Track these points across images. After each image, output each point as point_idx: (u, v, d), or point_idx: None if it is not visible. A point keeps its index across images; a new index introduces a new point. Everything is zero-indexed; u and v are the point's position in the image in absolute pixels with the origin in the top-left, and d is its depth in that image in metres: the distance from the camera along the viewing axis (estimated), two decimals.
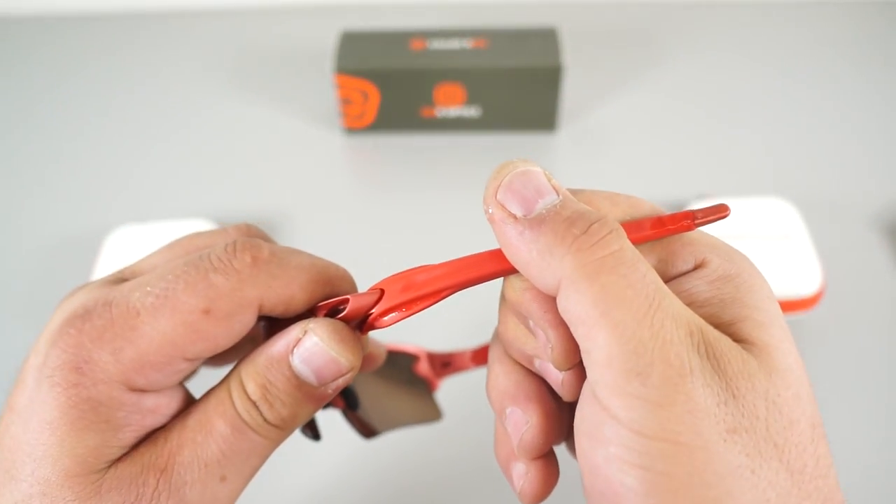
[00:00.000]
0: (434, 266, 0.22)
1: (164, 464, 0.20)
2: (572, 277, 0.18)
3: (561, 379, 0.21)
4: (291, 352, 0.21)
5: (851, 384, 0.44)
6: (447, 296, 0.22)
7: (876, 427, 0.42)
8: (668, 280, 0.21)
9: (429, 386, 0.36)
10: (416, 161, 0.60)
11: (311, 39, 0.71)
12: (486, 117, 0.61)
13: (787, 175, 0.57)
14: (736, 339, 0.19)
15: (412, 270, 0.22)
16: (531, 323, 0.21)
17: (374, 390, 0.32)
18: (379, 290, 0.22)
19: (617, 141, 0.61)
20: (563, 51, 0.58)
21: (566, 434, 0.23)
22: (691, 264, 0.21)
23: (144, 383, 0.20)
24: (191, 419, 0.21)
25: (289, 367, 0.21)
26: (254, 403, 0.21)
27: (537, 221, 0.19)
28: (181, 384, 0.22)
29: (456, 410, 0.37)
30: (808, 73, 0.67)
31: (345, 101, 0.60)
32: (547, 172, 0.20)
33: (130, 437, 0.21)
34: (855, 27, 0.72)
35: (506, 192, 0.20)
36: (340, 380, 0.22)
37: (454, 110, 0.60)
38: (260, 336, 0.24)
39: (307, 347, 0.21)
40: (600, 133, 0.62)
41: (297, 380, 0.21)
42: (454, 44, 0.60)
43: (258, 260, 0.21)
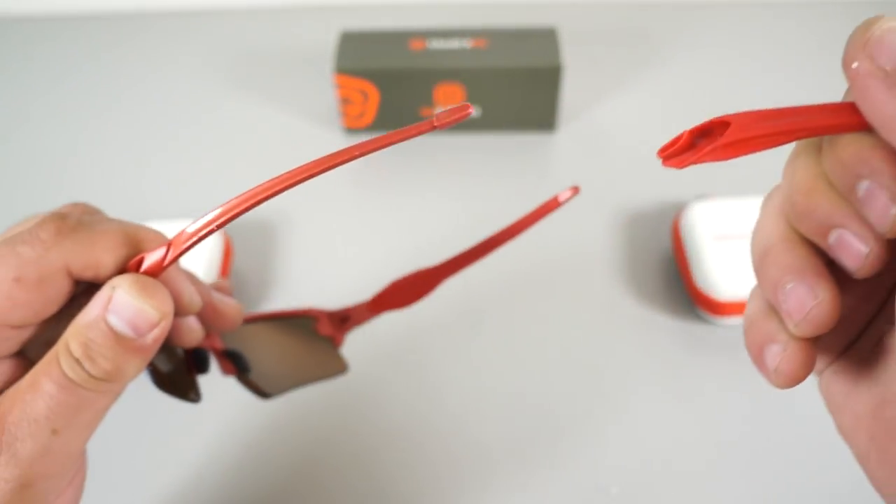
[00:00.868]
0: (770, 111, 0.22)
1: None
2: None
3: (866, 252, 0.20)
4: (107, 309, 0.23)
5: None
6: (786, 142, 0.22)
7: None
8: None
9: (333, 342, 0.38)
10: (417, 161, 0.60)
11: (311, 39, 0.71)
12: (486, 117, 0.61)
13: None
14: None
15: None
16: (863, 187, 0.20)
17: (269, 354, 0.35)
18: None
19: (617, 140, 0.61)
20: (563, 51, 0.58)
21: (840, 343, 0.24)
22: None
23: None
24: (23, 382, 0.23)
25: (105, 323, 0.23)
26: (77, 360, 0.23)
27: None
28: (19, 354, 0.24)
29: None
30: (808, 74, 0.67)
31: (345, 101, 0.60)
32: None
33: None
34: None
35: (877, 46, 0.19)
36: (157, 330, 0.24)
37: None
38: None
39: (116, 301, 0.23)
40: (600, 133, 0.62)
41: (115, 334, 0.23)
42: (454, 44, 0.60)
43: (62, 228, 0.24)
